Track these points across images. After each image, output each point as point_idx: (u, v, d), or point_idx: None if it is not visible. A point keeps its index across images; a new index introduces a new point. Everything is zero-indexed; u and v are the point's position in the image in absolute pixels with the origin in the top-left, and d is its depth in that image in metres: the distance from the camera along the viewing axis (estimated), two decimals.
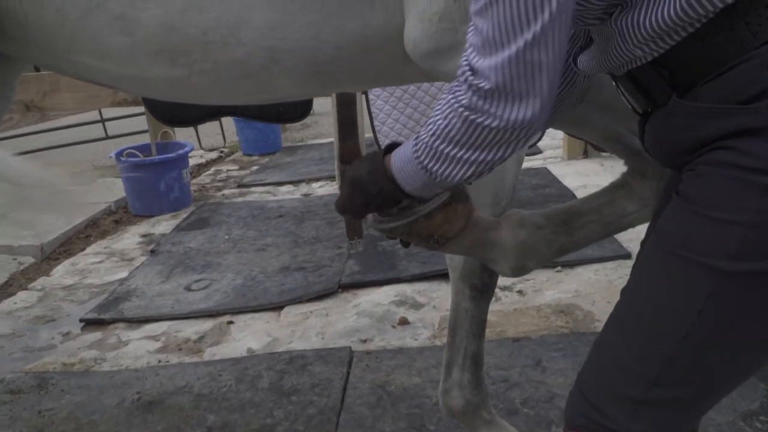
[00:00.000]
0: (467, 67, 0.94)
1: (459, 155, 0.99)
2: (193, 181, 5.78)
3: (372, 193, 1.14)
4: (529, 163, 5.18)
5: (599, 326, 2.81)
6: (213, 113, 2.83)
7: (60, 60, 1.44)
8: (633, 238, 2.98)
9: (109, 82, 1.51)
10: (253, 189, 5.51)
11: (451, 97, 0.97)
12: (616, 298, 3.00)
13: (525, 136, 0.97)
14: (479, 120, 0.94)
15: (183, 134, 5.83)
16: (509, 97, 0.91)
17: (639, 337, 0.97)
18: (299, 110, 2.85)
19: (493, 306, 3.03)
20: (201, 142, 6.82)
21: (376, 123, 2.86)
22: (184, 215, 4.85)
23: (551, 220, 1.40)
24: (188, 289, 3.55)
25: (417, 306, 3.10)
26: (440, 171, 1.03)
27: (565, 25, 0.89)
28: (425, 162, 1.03)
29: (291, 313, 3.19)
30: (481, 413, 1.87)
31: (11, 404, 2.49)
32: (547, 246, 1.39)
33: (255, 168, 6.27)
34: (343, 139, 2.76)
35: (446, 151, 1.00)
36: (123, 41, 1.34)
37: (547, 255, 1.41)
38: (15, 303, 3.50)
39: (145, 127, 5.38)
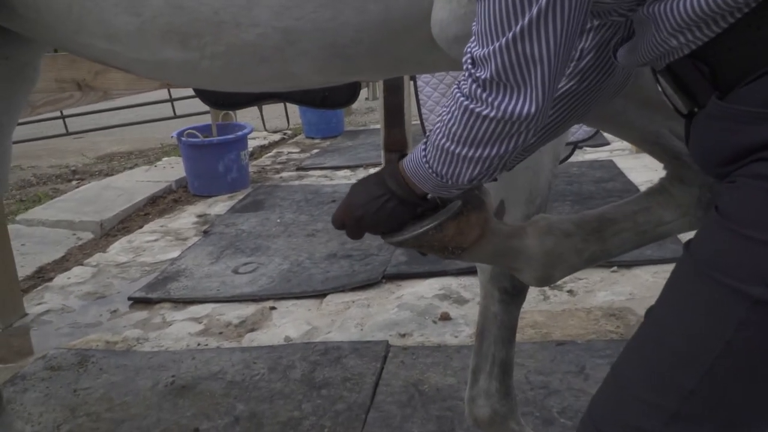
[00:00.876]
0: (468, 57, 0.90)
1: (462, 153, 0.94)
2: (254, 162, 5.82)
3: (378, 198, 1.09)
4: (595, 155, 4.95)
5: None
6: (258, 97, 2.78)
7: (71, 42, 1.41)
8: None
9: (123, 65, 1.47)
10: (310, 172, 5.50)
11: (455, 90, 0.93)
12: None
13: (525, 130, 0.91)
14: (477, 110, 0.89)
15: (247, 116, 5.88)
16: (506, 88, 0.87)
17: (659, 365, 0.86)
18: (345, 95, 2.76)
19: (541, 305, 2.90)
20: (265, 124, 6.90)
21: (423, 111, 2.75)
22: (240, 197, 4.88)
23: (581, 227, 1.28)
24: (235, 271, 3.56)
25: (461, 301, 3.00)
26: (447, 172, 0.98)
27: (562, 19, 0.82)
28: (433, 164, 0.99)
29: (333, 301, 3.14)
30: (509, 424, 1.76)
31: (49, 381, 2.54)
32: (576, 255, 1.28)
33: (315, 151, 6.26)
34: (389, 126, 2.67)
35: (451, 149, 0.95)
36: (130, 22, 1.28)
37: (575, 264, 1.29)
38: (69, 278, 3.59)
39: (207, 108, 5.44)
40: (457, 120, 0.91)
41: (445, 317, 2.85)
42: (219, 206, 4.74)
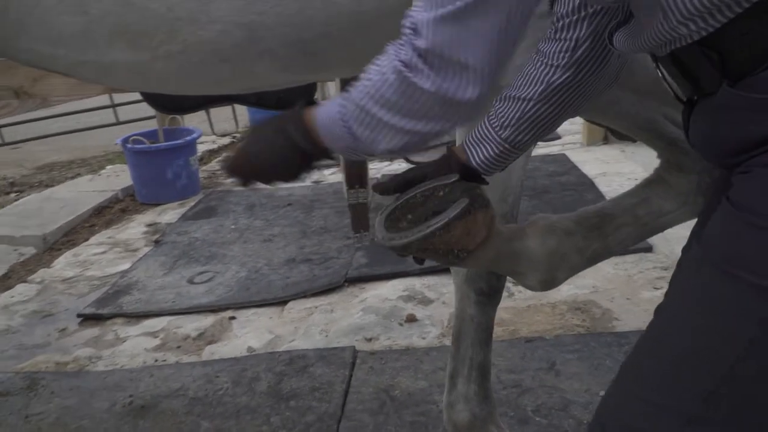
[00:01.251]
0: (410, 20, 0.85)
1: (389, 120, 0.90)
2: (204, 167, 5.66)
3: (282, 147, 1.03)
4: (547, 149, 4.98)
5: (618, 325, 2.65)
6: (209, 101, 2.68)
7: (9, 48, 1.29)
8: None
9: (66, 69, 1.36)
10: None
11: (391, 51, 0.88)
12: (636, 294, 2.78)
13: (460, 113, 0.88)
14: (414, 79, 0.85)
15: (194, 119, 5.70)
16: (444, 63, 0.83)
17: (674, 367, 0.82)
18: (302, 96, 2.67)
19: (506, 302, 2.87)
20: (213, 128, 6.72)
21: None
22: (192, 204, 4.73)
23: (582, 224, 1.23)
24: (191, 282, 3.43)
25: (426, 302, 2.95)
26: (364, 135, 0.94)
27: None
28: (352, 125, 0.94)
29: (295, 308, 3.05)
30: (489, 428, 1.72)
31: None
32: (578, 254, 1.23)
33: None
34: None
35: (375, 112, 0.90)
36: (75, 22, 1.19)
37: (578, 264, 1.25)
38: (12, 297, 3.40)
39: (153, 113, 5.25)
40: (390, 85, 0.87)
41: (411, 319, 2.80)
42: (169, 214, 4.58)
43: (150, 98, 2.74)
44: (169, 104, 2.73)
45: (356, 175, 2.70)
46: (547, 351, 2.42)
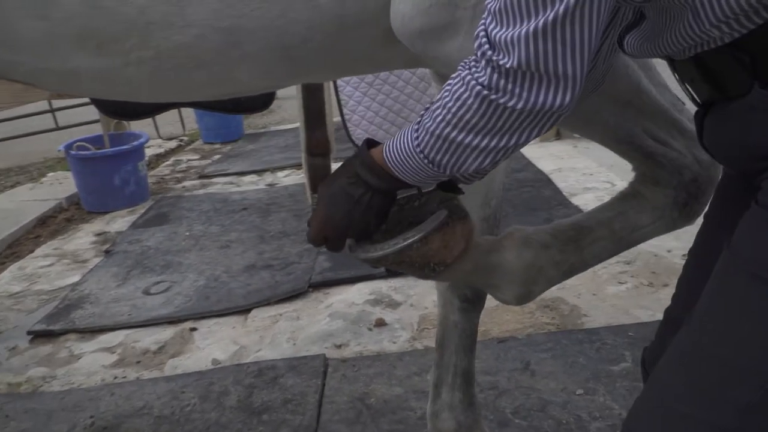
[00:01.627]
0: (484, 39, 0.79)
1: (472, 142, 0.85)
2: (151, 172, 5.49)
3: (359, 198, 0.98)
4: None
5: (586, 321, 2.66)
6: (164, 105, 2.57)
7: None
8: None
9: (25, 77, 1.26)
10: (215, 180, 5.24)
11: (466, 73, 0.82)
12: (602, 290, 2.79)
13: (550, 121, 0.83)
14: (502, 100, 0.79)
15: (139, 123, 5.52)
16: (535, 78, 0.77)
17: (710, 378, 0.80)
18: (261, 99, 2.59)
19: None
20: (159, 131, 6.53)
21: (345, 111, 2.64)
22: (142, 211, 4.57)
23: (558, 237, 1.21)
24: (146, 293, 3.30)
25: (394, 305, 2.91)
26: (449, 162, 0.89)
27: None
28: (430, 154, 0.89)
29: (258, 316, 2.97)
30: None
31: None
32: (555, 267, 1.21)
33: (217, 157, 5.99)
34: (310, 128, 2.53)
35: (457, 138, 0.85)
36: (36, 27, 1.09)
37: (555, 278, 1.23)
38: None
39: (97, 117, 5.06)
40: (471, 109, 0.82)
41: (381, 323, 2.76)
42: (119, 222, 4.42)
43: (100, 104, 2.62)
44: (121, 110, 2.61)
45: (321, 179, 2.63)
46: (520, 351, 2.41)
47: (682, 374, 0.83)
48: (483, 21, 0.80)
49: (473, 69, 0.81)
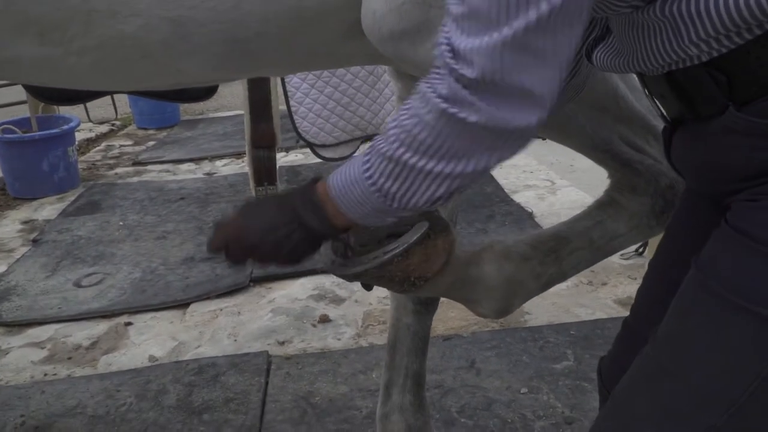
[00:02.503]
0: (446, 47, 0.72)
1: (428, 167, 0.77)
2: (81, 158, 5.26)
3: (286, 230, 0.90)
4: None
5: (530, 320, 2.70)
6: (100, 91, 2.44)
7: None
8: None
9: None
10: (149, 167, 5.07)
11: (425, 86, 0.75)
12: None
13: (514, 143, 0.76)
14: (460, 115, 0.72)
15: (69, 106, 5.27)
16: (501, 91, 0.70)
17: (675, 401, 0.79)
18: (205, 88, 2.51)
19: None
20: (89, 115, 6.26)
21: (292, 103, 2.58)
22: (72, 198, 4.38)
23: (538, 249, 1.20)
24: (78, 285, 3.16)
25: (338, 300, 2.88)
26: (400, 191, 0.80)
27: (581, 6, 0.68)
28: (380, 181, 0.80)
29: (198, 311, 2.89)
30: None
31: None
32: (535, 280, 1.19)
33: (151, 143, 5.79)
34: (255, 121, 2.47)
35: (410, 161, 0.77)
36: None
37: (534, 290, 1.21)
38: None
39: (24, 98, 4.80)
40: (427, 127, 0.74)
41: (324, 319, 2.72)
42: (47, 210, 4.21)
43: (31, 87, 2.47)
44: (54, 94, 2.48)
45: (266, 171, 2.58)
46: (465, 349, 2.43)
47: (646, 396, 0.82)
48: (444, 30, 0.73)
49: (433, 81, 0.74)
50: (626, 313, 2.76)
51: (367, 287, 1.07)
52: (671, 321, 0.83)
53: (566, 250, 1.21)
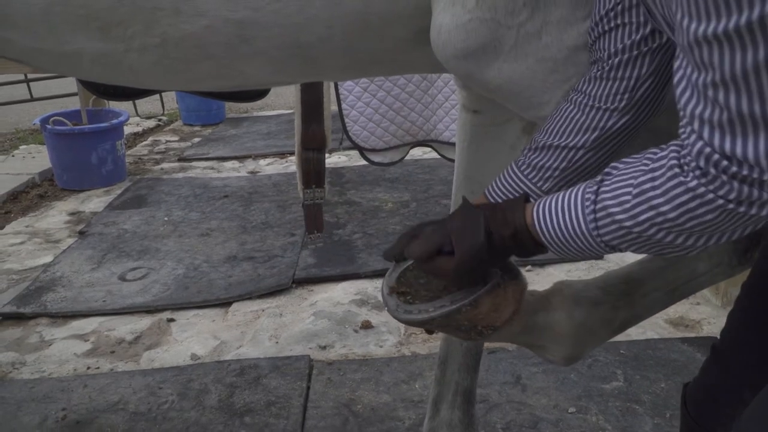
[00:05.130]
0: (715, 155, 0.67)
1: (676, 241, 0.75)
2: (128, 152, 5.34)
3: (483, 248, 0.88)
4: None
5: None
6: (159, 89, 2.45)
7: None
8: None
9: (17, 56, 1.16)
10: (194, 164, 5.11)
11: (698, 185, 0.70)
12: None
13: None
14: (751, 212, 0.69)
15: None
16: None
17: None
18: (257, 89, 2.50)
19: None
20: (137, 109, 6.33)
21: (344, 106, 2.55)
22: (118, 191, 4.43)
23: (610, 292, 1.14)
24: (122, 278, 3.19)
25: (380, 307, 2.84)
26: (632, 249, 0.79)
27: None
28: (614, 242, 0.79)
29: (240, 310, 2.88)
30: None
31: None
32: (606, 326, 1.13)
33: (197, 140, 5.84)
34: (306, 121, 2.44)
35: (665, 239, 0.75)
36: (33, 3, 1.00)
37: (605, 336, 1.15)
38: None
39: (75, 90, 4.88)
40: (701, 221, 0.71)
41: (367, 325, 2.69)
42: (94, 202, 4.27)
43: (88, 82, 2.49)
44: (110, 90, 2.49)
45: (314, 174, 2.55)
46: (511, 363, 2.37)
47: None
48: (701, 135, 0.68)
49: (708, 181, 0.69)
50: (679, 333, 2.67)
51: (429, 332, 1.03)
52: None
53: (640, 293, 1.14)
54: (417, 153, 4.48)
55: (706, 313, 2.70)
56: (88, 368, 2.49)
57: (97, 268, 3.30)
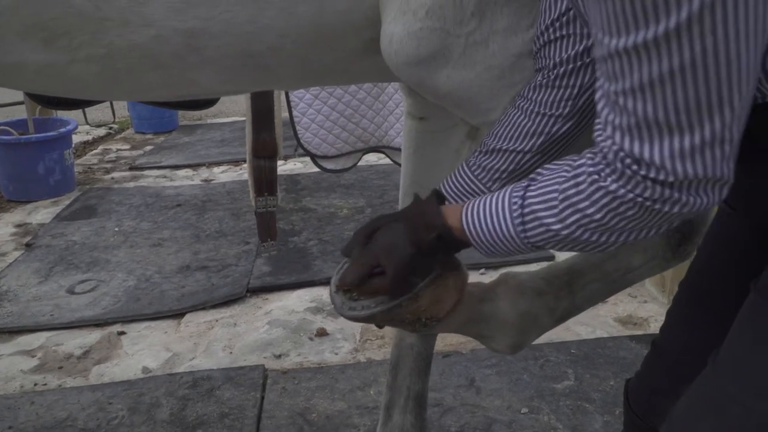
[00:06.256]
0: (625, 157, 0.71)
1: (600, 239, 0.78)
2: (77, 161, 5.22)
3: (409, 250, 0.91)
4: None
5: None
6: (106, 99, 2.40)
7: None
8: None
9: None
10: (146, 172, 5.02)
11: (617, 187, 0.72)
12: None
13: (690, 215, 0.76)
14: (666, 208, 0.72)
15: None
16: (702, 183, 0.70)
17: (743, 428, 0.79)
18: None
19: None
20: (87, 117, 6.21)
21: (295, 114, 2.54)
22: (67, 202, 4.33)
23: (552, 283, 1.18)
24: (71, 291, 3.11)
25: (335, 314, 2.82)
26: (557, 247, 0.82)
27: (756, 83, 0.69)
28: (540, 243, 0.81)
29: (193, 321, 2.84)
30: None
31: None
32: (549, 315, 1.17)
33: (149, 148, 5.74)
34: (257, 129, 2.42)
35: (591, 238, 0.78)
36: None
37: (548, 325, 1.19)
38: None
39: (21, 98, 4.75)
40: (620, 216, 0.74)
41: (322, 333, 2.68)
42: (42, 213, 4.17)
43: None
44: (54, 99, 2.44)
45: (266, 182, 2.54)
46: (465, 366, 2.39)
47: (711, 422, 0.81)
48: (610, 137, 0.71)
49: (625, 182, 0.72)
50: (627, 331, 2.73)
51: (379, 327, 1.05)
52: (736, 348, 0.82)
53: (580, 284, 1.19)
54: (372, 159, 4.49)
55: (653, 310, 2.76)
56: (36, 385, 2.43)
57: (44, 282, 3.22)
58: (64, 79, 1.12)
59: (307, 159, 4.28)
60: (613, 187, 0.72)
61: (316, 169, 2.88)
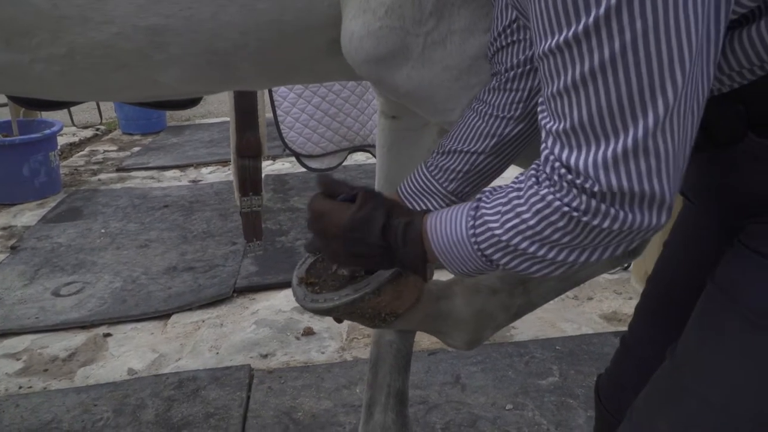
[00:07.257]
0: (557, 163, 0.69)
1: (547, 255, 0.75)
2: (64, 163, 5.20)
3: (371, 248, 0.87)
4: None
5: (516, 335, 2.67)
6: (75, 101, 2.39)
7: None
8: None
9: None
10: (133, 174, 5.00)
11: (548, 194, 0.71)
12: None
13: (642, 237, 0.74)
14: (595, 222, 0.69)
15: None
16: (634, 198, 0.68)
17: (700, 421, 0.79)
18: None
19: None
20: (73, 119, 6.18)
21: (279, 113, 2.54)
22: (52, 204, 4.31)
23: (506, 281, 1.20)
24: (56, 294, 3.10)
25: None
26: (511, 265, 0.79)
27: (698, 93, 0.66)
28: (489, 252, 0.78)
29: (179, 322, 2.84)
30: None
31: None
32: (504, 312, 1.20)
33: (136, 149, 5.72)
34: (241, 130, 2.42)
35: (530, 249, 0.75)
36: None
37: (504, 322, 1.22)
38: None
39: (5, 101, 4.73)
40: (556, 229, 0.72)
41: (309, 332, 2.68)
42: (27, 216, 4.14)
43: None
44: (35, 100, 2.43)
45: (251, 181, 2.54)
46: (450, 364, 2.39)
47: (668, 415, 0.82)
48: (546, 144, 0.70)
49: (555, 190, 0.70)
50: (612, 328, 2.75)
51: (338, 320, 1.06)
52: (692, 340, 0.83)
53: (535, 282, 1.21)
54: (360, 158, 4.49)
55: None
56: (20, 388, 2.42)
57: (29, 284, 3.20)
58: (27, 79, 1.12)
59: (295, 159, 4.31)
60: (545, 192, 0.71)
61: (304, 169, 2.89)
